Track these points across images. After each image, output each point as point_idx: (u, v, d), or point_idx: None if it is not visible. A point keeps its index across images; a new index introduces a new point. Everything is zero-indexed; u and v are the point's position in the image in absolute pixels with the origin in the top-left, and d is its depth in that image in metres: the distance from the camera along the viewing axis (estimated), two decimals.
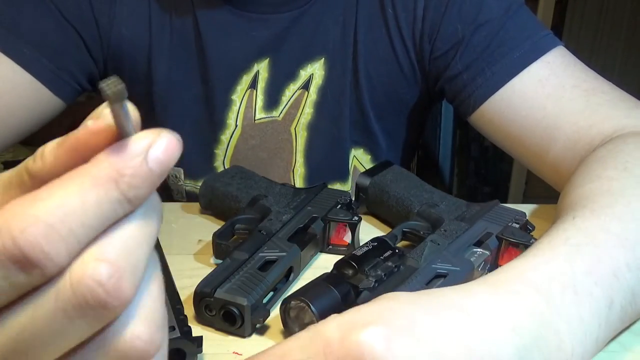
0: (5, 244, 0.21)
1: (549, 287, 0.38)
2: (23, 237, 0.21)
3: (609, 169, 0.54)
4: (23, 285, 0.22)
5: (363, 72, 0.77)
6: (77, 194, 0.22)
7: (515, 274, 0.39)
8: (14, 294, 0.22)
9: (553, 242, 0.43)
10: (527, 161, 0.71)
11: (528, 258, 0.41)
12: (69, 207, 0.22)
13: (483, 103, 0.70)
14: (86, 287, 0.22)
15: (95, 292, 0.22)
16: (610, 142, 0.60)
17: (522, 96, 0.68)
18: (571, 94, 0.66)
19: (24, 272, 0.21)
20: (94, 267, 0.22)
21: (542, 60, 0.68)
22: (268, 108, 0.79)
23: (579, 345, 0.38)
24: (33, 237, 0.21)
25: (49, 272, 0.22)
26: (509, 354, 0.33)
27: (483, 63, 0.70)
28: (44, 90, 0.72)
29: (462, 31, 0.71)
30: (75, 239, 0.22)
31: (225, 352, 0.46)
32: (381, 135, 0.83)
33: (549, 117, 0.66)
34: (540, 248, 0.42)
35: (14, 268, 0.21)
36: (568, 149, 0.65)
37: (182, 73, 0.77)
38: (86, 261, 0.22)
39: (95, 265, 0.22)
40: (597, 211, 0.46)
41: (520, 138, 0.69)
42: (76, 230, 0.22)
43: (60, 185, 0.22)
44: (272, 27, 0.76)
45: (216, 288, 0.47)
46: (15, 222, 0.21)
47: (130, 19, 0.75)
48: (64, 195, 0.22)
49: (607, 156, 0.57)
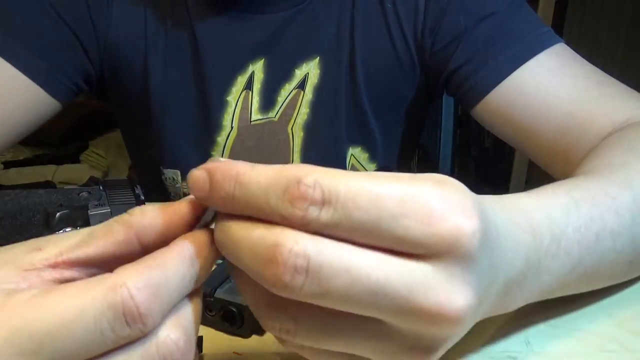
0: (125, 298, 0.25)
1: (542, 233, 0.38)
2: (139, 295, 0.25)
3: (615, 149, 0.55)
4: (122, 338, 0.25)
5: (361, 68, 0.77)
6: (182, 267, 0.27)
7: (523, 209, 0.38)
8: (111, 346, 0.25)
9: (557, 191, 0.43)
10: (538, 153, 0.70)
11: (533, 196, 0.41)
12: (174, 278, 0.27)
13: (488, 93, 0.70)
14: (167, 348, 0.26)
15: (174, 354, 0.26)
16: (619, 131, 0.61)
17: (535, 84, 0.68)
18: (584, 84, 0.66)
19: (129, 326, 0.25)
20: (176, 331, 0.27)
21: (550, 52, 0.68)
22: (264, 109, 0.79)
23: (533, 295, 0.39)
24: (147, 296, 0.25)
25: (147, 329, 0.26)
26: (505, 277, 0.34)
27: (486, 54, 0.70)
28: (39, 91, 0.72)
29: (464, 23, 0.71)
30: (171, 304, 0.27)
31: (225, 352, 0.46)
32: (379, 133, 0.83)
33: (563, 104, 0.66)
34: (544, 193, 0.42)
35: (123, 320, 0.25)
36: (580, 137, 0.65)
37: (177, 74, 0.77)
38: (170, 325, 0.27)
39: (177, 330, 0.27)
40: (597, 175, 0.47)
41: (533, 127, 0.68)
42: (174, 297, 0.27)
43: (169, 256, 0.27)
44: (267, 27, 0.76)
45: (216, 288, 0.48)
46: (134, 281, 0.25)
47: (127, 20, 0.75)
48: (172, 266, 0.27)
49: (615, 142, 0.58)
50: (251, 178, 0.27)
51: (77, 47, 0.74)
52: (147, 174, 0.88)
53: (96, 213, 0.56)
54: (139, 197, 0.61)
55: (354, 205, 0.26)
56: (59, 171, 1.92)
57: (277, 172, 0.27)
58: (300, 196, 0.26)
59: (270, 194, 0.27)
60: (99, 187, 0.62)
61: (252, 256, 0.27)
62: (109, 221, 0.29)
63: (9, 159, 1.97)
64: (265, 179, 0.27)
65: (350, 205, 0.26)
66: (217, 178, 0.28)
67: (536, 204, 0.40)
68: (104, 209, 0.57)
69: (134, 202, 0.59)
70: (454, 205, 0.27)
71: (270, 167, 0.28)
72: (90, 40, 0.75)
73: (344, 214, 0.26)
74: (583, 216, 0.41)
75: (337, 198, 0.26)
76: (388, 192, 0.26)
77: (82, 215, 0.56)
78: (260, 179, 0.27)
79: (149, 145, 0.83)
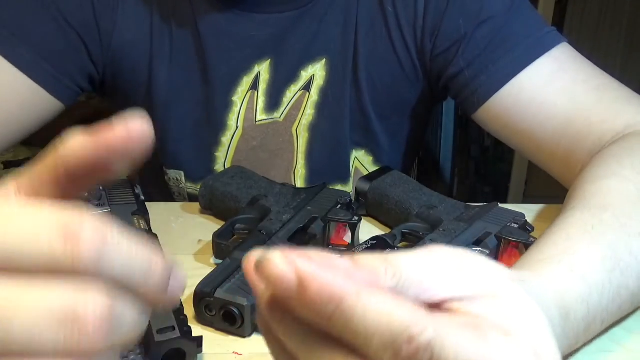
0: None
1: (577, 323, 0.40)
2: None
3: (625, 167, 0.54)
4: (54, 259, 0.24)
5: (364, 72, 0.77)
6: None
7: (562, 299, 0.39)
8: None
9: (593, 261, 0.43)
10: (537, 156, 0.70)
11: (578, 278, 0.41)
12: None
13: (488, 99, 0.70)
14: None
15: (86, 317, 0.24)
16: (623, 140, 0.61)
17: (533, 91, 0.67)
18: (582, 89, 0.66)
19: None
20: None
21: (549, 56, 0.68)
22: (269, 109, 0.79)
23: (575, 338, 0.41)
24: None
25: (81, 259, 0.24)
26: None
27: (486, 59, 0.70)
28: (43, 93, 0.72)
29: (464, 28, 0.71)
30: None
31: (225, 352, 0.46)
32: (383, 136, 0.82)
33: (561, 112, 0.66)
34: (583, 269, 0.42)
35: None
36: (579, 142, 0.65)
37: (182, 75, 0.77)
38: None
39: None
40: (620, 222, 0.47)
41: (532, 133, 0.68)
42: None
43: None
44: (273, 28, 0.76)
45: (216, 288, 0.48)
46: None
47: (132, 22, 0.75)
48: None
49: (623, 154, 0.57)
50: (355, 311, 0.24)
51: (81, 50, 0.74)
52: (150, 175, 0.88)
53: (96, 213, 0.56)
54: (139, 196, 0.61)
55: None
56: None
57: (389, 316, 0.25)
58: (408, 357, 0.24)
59: (376, 339, 0.24)
60: (99, 187, 0.62)
61: None
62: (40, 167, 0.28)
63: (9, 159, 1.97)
64: (373, 322, 0.24)
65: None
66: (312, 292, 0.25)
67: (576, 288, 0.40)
68: (104, 209, 0.57)
69: (134, 202, 0.59)
70: None
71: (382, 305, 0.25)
72: (94, 43, 0.75)
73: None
74: (614, 290, 0.43)
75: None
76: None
77: None
78: (368, 319, 0.24)
79: (152, 145, 0.83)
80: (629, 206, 0.49)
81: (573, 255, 0.42)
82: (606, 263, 0.43)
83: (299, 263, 0.25)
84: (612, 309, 0.43)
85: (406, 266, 0.27)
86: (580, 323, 0.40)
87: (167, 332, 0.41)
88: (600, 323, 0.43)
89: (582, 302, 0.40)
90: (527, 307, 0.29)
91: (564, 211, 0.50)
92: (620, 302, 0.44)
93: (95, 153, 0.27)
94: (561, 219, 0.48)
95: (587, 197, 0.51)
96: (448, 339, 0.25)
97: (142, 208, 0.59)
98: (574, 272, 0.41)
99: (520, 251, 0.54)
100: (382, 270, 0.27)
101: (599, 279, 0.42)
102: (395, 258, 0.27)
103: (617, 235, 0.45)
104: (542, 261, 0.42)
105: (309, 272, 0.25)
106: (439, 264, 0.28)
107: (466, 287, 0.28)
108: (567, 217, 0.48)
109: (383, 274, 0.27)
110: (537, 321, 0.29)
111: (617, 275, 0.43)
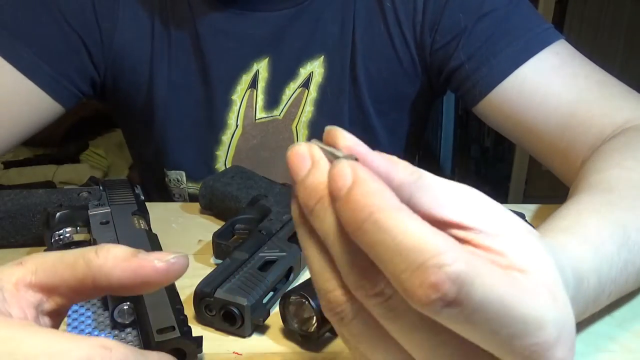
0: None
1: (588, 291, 0.40)
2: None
3: (628, 159, 0.55)
4: None
5: (362, 68, 0.77)
6: None
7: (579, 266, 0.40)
8: None
9: (603, 235, 0.44)
10: (538, 150, 0.70)
11: (588, 248, 0.42)
12: None
13: (490, 91, 0.70)
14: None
15: None
16: (623, 134, 0.61)
17: (536, 83, 0.68)
18: (584, 84, 0.67)
19: None
20: None
21: (550, 50, 0.68)
22: (269, 107, 0.79)
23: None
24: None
25: None
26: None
27: (488, 52, 0.70)
28: (44, 96, 0.72)
29: (464, 21, 0.71)
30: None
31: (225, 352, 0.46)
32: (382, 132, 0.82)
33: (563, 104, 0.66)
34: (593, 241, 0.43)
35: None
36: (579, 135, 0.65)
37: (182, 76, 0.77)
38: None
39: None
40: (628, 201, 0.48)
41: (534, 125, 0.68)
42: None
43: None
44: (270, 25, 0.76)
45: (216, 288, 0.47)
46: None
47: (133, 23, 0.75)
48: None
49: (624, 147, 0.58)
50: (389, 223, 0.24)
51: (82, 52, 0.75)
52: (151, 176, 0.88)
53: (96, 213, 0.56)
54: (139, 196, 0.61)
55: (482, 318, 0.24)
56: (59, 171, 1.92)
57: (422, 238, 0.24)
58: (435, 285, 0.23)
59: (402, 257, 0.24)
60: (99, 187, 0.62)
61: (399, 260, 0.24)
62: (81, 251, 0.30)
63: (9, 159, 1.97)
64: (405, 237, 0.24)
65: (477, 318, 0.24)
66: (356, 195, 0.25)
67: (588, 258, 0.41)
68: (104, 209, 0.57)
69: (133, 202, 0.59)
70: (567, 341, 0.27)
71: (418, 224, 0.24)
72: (95, 44, 0.75)
73: (467, 321, 0.24)
74: (622, 264, 0.43)
75: (469, 304, 0.24)
76: (520, 316, 0.25)
77: (82, 215, 0.56)
78: (400, 231, 0.24)
79: (153, 147, 0.83)
80: (635, 191, 0.49)
81: (584, 227, 0.43)
82: (615, 238, 0.43)
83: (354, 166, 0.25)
84: (619, 281, 0.43)
85: (427, 174, 0.27)
86: (591, 292, 0.40)
87: (167, 332, 0.41)
88: (608, 295, 0.43)
89: (594, 272, 0.40)
90: (542, 251, 0.29)
91: (571, 198, 0.50)
92: (626, 276, 0.44)
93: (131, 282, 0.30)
94: (569, 202, 0.48)
95: (592, 185, 0.51)
96: (479, 277, 0.24)
97: (142, 208, 0.59)
98: (587, 243, 0.41)
99: None
100: (401, 164, 0.27)
101: (608, 251, 0.42)
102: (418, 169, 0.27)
103: (625, 214, 0.46)
104: (556, 231, 0.42)
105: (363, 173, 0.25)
106: (461, 191, 0.28)
107: (485, 220, 0.28)
108: (574, 200, 0.48)
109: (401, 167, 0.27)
110: (549, 265, 0.29)
111: (625, 251, 0.43)
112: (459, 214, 0.27)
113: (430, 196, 0.27)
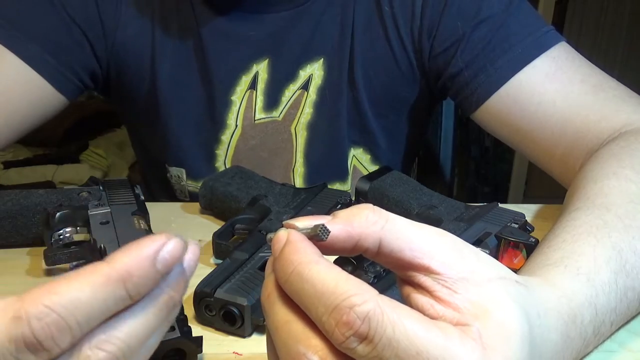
0: (24, 331, 0.25)
1: (586, 327, 0.40)
2: (39, 326, 0.25)
3: (626, 167, 0.54)
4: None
5: (360, 71, 0.77)
6: (89, 291, 0.26)
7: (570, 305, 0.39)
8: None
9: (599, 264, 0.43)
10: (536, 156, 0.70)
11: (584, 281, 0.41)
12: (79, 302, 0.26)
13: (487, 99, 0.70)
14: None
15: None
16: (621, 138, 0.61)
17: (530, 91, 0.68)
18: (580, 89, 0.66)
19: (34, 354, 0.26)
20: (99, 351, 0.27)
21: (547, 56, 0.68)
22: (268, 108, 0.79)
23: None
24: (47, 326, 0.25)
25: (54, 354, 0.26)
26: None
27: (485, 59, 0.70)
28: (47, 86, 0.72)
29: (462, 28, 0.71)
30: (80, 329, 0.26)
31: (225, 352, 0.46)
32: (381, 135, 0.83)
33: (558, 111, 0.66)
34: (589, 271, 0.42)
35: (27, 350, 0.25)
36: (577, 141, 0.65)
37: (184, 74, 0.78)
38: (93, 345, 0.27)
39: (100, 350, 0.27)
40: (622, 222, 0.47)
41: (530, 133, 0.68)
42: (82, 322, 0.26)
43: (75, 280, 0.26)
44: (269, 27, 0.76)
45: (216, 288, 0.48)
46: (34, 311, 0.25)
47: (135, 19, 0.76)
48: (77, 290, 0.26)
49: (622, 153, 0.57)
50: (308, 274, 0.28)
51: (85, 45, 0.75)
52: (153, 172, 0.89)
53: (96, 213, 0.56)
54: (139, 196, 0.61)
55: (393, 354, 0.26)
56: (59, 171, 1.92)
57: (336, 284, 0.27)
58: (347, 323, 0.26)
59: (321, 302, 0.27)
60: (99, 187, 0.62)
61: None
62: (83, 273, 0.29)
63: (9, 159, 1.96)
64: (322, 284, 0.28)
65: (388, 353, 0.26)
66: (284, 254, 0.29)
67: (582, 291, 0.40)
68: (104, 209, 0.57)
69: (134, 202, 0.59)
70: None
71: (333, 273, 0.28)
72: (98, 39, 0.76)
73: (380, 357, 0.27)
74: (620, 290, 0.43)
75: (380, 340, 0.26)
76: (432, 351, 0.27)
77: (82, 215, 0.56)
78: (318, 280, 0.28)
79: (155, 143, 0.84)
80: (632, 206, 0.49)
81: (579, 257, 0.42)
82: (611, 264, 0.43)
83: (289, 233, 0.30)
84: (620, 309, 0.43)
85: (396, 219, 0.30)
86: (588, 326, 0.39)
87: (167, 332, 0.41)
88: (610, 325, 0.42)
89: (589, 305, 0.39)
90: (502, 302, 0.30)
91: (567, 212, 0.50)
92: (627, 303, 0.43)
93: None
94: (564, 220, 0.48)
95: (589, 197, 0.51)
96: (388, 315, 0.26)
97: (142, 208, 0.59)
98: (580, 275, 0.40)
99: (521, 251, 0.54)
100: (362, 215, 0.30)
101: (605, 280, 0.41)
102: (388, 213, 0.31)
103: (621, 236, 0.45)
104: (548, 266, 0.41)
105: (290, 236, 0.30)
106: (430, 236, 0.31)
107: (451, 266, 0.30)
108: (570, 218, 0.48)
109: (363, 218, 0.30)
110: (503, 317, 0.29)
111: (623, 276, 0.43)
112: (426, 258, 0.30)
113: (399, 241, 0.30)
